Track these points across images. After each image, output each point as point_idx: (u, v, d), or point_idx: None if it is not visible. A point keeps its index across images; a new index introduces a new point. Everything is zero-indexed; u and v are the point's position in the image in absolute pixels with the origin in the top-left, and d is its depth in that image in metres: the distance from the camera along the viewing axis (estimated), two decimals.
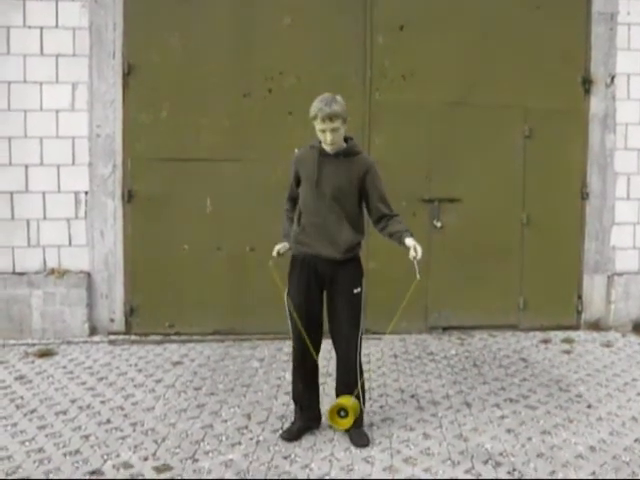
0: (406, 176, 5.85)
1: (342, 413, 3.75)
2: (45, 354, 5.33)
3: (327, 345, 4.00)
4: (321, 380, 4.16)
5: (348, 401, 3.74)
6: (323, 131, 3.65)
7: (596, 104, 6.18)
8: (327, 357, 4.77)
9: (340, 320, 3.80)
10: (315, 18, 5.88)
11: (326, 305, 3.87)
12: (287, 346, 5.60)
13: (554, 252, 6.23)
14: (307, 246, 3.78)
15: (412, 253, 3.59)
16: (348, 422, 3.75)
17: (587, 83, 6.16)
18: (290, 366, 5.12)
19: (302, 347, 3.83)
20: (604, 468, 3.54)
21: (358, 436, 3.82)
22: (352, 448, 3.72)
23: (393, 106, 5.89)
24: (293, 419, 3.98)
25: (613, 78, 6.18)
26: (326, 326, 3.88)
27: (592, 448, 3.77)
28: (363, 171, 3.76)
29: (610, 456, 3.67)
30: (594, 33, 6.14)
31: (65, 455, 3.61)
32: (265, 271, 5.81)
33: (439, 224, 5.97)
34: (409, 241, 3.65)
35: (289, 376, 4.85)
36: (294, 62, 5.86)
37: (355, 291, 3.79)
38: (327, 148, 3.72)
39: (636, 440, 3.88)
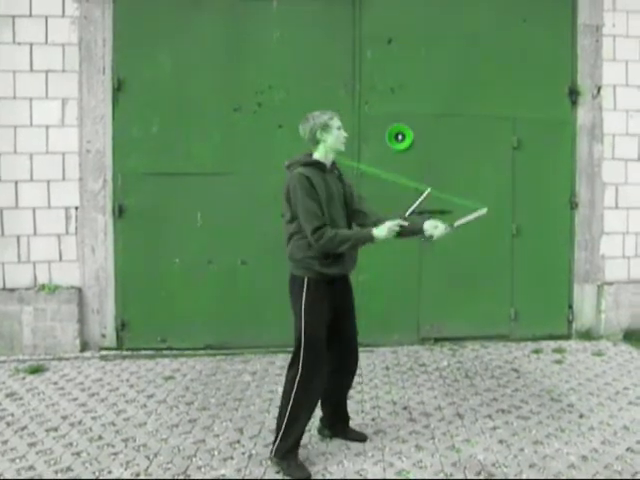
0: (396, 188, 5.86)
1: (400, 137, 3.83)
2: (36, 370, 5.30)
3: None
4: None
5: (407, 128, 3.78)
6: (340, 128, 3.70)
7: (583, 115, 6.24)
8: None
9: (353, 330, 3.87)
10: (304, 32, 5.92)
11: (335, 318, 3.72)
12: (279, 360, 5.62)
13: (544, 262, 6.26)
14: (340, 266, 3.63)
15: (438, 233, 3.74)
16: (404, 145, 3.80)
17: (574, 94, 6.22)
18: (281, 380, 5.13)
19: (319, 383, 3.65)
20: (596, 478, 3.54)
21: (354, 434, 3.99)
22: (345, 462, 3.72)
23: (382, 119, 5.92)
24: (293, 458, 3.63)
25: (599, 89, 6.24)
26: None
27: (584, 458, 3.78)
28: (344, 176, 3.85)
29: (602, 465, 3.68)
30: (580, 45, 6.21)
31: (56, 472, 3.59)
32: (257, 284, 5.87)
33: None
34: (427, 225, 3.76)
35: (281, 390, 4.87)
36: (284, 76, 5.89)
37: None
38: (331, 157, 3.73)
39: (628, 449, 3.89)
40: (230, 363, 5.58)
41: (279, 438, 3.63)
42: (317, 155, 3.72)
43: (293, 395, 3.59)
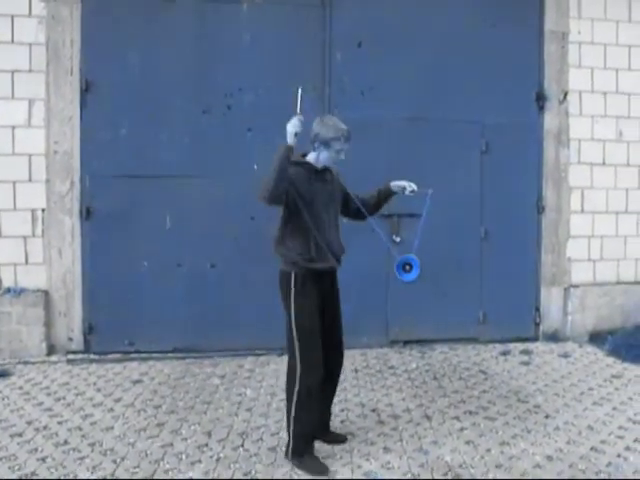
0: (365, 191, 5.89)
1: (407, 267, 4.05)
2: (0, 375, 5.21)
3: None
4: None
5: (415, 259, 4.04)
6: (340, 151, 3.74)
7: (550, 120, 6.34)
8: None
9: (338, 330, 3.93)
10: (274, 35, 5.92)
11: (323, 318, 3.81)
12: (248, 363, 5.62)
13: (512, 265, 6.33)
14: (322, 261, 3.72)
15: (409, 188, 4.03)
16: (412, 277, 4.03)
17: (541, 99, 6.32)
18: (250, 383, 5.12)
19: (319, 374, 3.71)
20: (561, 477, 3.59)
21: (334, 437, 4.02)
22: None
23: (352, 122, 5.81)
24: (308, 453, 3.73)
25: (566, 95, 6.34)
26: None
27: (549, 457, 3.83)
28: (339, 179, 3.96)
29: (567, 465, 3.74)
30: (547, 51, 6.31)
31: (21, 478, 3.53)
32: (226, 287, 5.84)
33: (398, 239, 6.01)
34: (395, 185, 4.08)
35: (250, 393, 4.89)
36: (253, 79, 5.89)
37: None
38: (319, 165, 3.77)
39: (592, 448, 3.95)
40: (199, 366, 5.55)
41: (291, 439, 3.71)
42: (310, 157, 3.77)
43: (296, 392, 3.64)
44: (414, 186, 4.07)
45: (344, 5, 5.99)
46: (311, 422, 3.73)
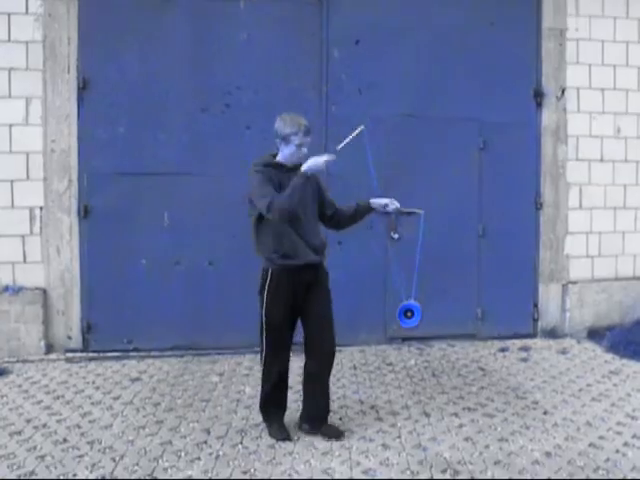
0: (363, 188, 5.88)
1: (409, 314, 4.14)
2: None
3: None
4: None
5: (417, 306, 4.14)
6: (300, 146, 3.81)
7: (548, 117, 6.34)
8: None
9: (325, 321, 4.01)
10: (271, 33, 5.91)
11: (307, 310, 3.97)
12: (247, 360, 5.62)
13: (510, 262, 6.33)
14: (298, 256, 3.84)
15: (392, 205, 4.09)
16: (413, 323, 4.14)
17: (539, 96, 6.32)
18: (249, 380, 5.12)
19: (285, 365, 4.03)
20: (559, 473, 3.60)
21: (331, 430, 4.05)
22: (312, 461, 3.72)
23: (350, 119, 5.90)
24: (271, 424, 4.09)
25: (564, 91, 6.35)
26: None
27: (548, 454, 3.83)
28: (319, 181, 4.08)
29: (565, 461, 3.74)
30: (545, 48, 6.31)
31: (19, 477, 3.53)
32: (224, 285, 5.84)
33: (396, 236, 6.00)
34: (375, 202, 4.13)
35: (249, 390, 4.89)
36: (251, 77, 5.88)
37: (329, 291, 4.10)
38: (288, 163, 3.87)
39: (590, 445, 3.96)
40: (197, 364, 5.55)
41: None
42: (279, 156, 3.90)
43: (262, 372, 4.03)
44: (397, 203, 4.13)
45: (341, 2, 5.98)
46: (272, 405, 4.06)
